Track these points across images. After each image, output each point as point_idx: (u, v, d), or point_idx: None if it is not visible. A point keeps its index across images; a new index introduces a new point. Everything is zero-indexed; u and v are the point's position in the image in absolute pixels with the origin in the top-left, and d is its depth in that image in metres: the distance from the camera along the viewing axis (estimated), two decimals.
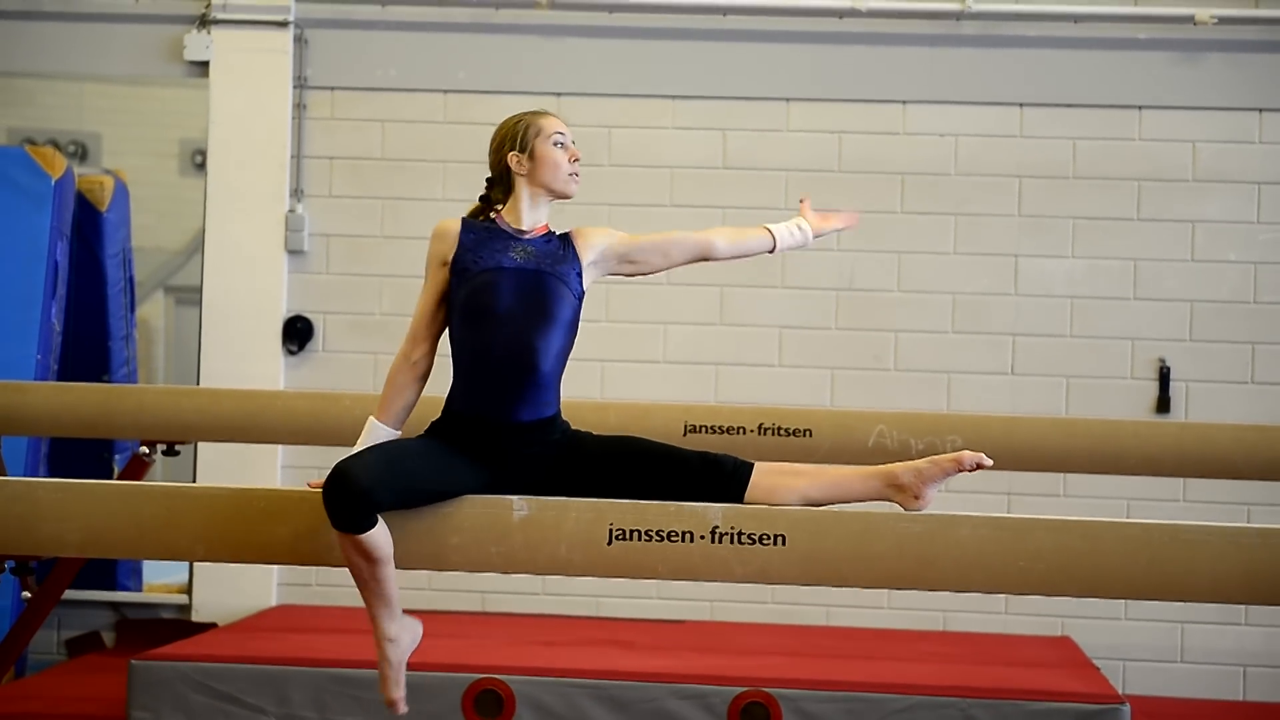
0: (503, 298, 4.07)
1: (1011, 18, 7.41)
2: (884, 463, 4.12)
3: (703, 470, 4.06)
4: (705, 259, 4.27)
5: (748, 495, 4.02)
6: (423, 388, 4.22)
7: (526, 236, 4.15)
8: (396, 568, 4.04)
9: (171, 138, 8.47)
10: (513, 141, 4.18)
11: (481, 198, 4.23)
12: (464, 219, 4.20)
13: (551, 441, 4.08)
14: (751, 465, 4.05)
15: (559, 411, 4.12)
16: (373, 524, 3.85)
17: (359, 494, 3.81)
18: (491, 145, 4.23)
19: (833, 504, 4.00)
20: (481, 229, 4.17)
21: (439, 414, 4.14)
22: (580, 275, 4.14)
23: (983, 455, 3.94)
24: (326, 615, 7.13)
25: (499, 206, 4.19)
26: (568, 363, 4.11)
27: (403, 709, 4.13)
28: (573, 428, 4.12)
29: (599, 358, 7.42)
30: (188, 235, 8.17)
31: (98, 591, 7.58)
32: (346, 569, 3.97)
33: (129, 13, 7.66)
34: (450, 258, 4.14)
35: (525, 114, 4.23)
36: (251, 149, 7.61)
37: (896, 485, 4.01)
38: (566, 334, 4.10)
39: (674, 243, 4.23)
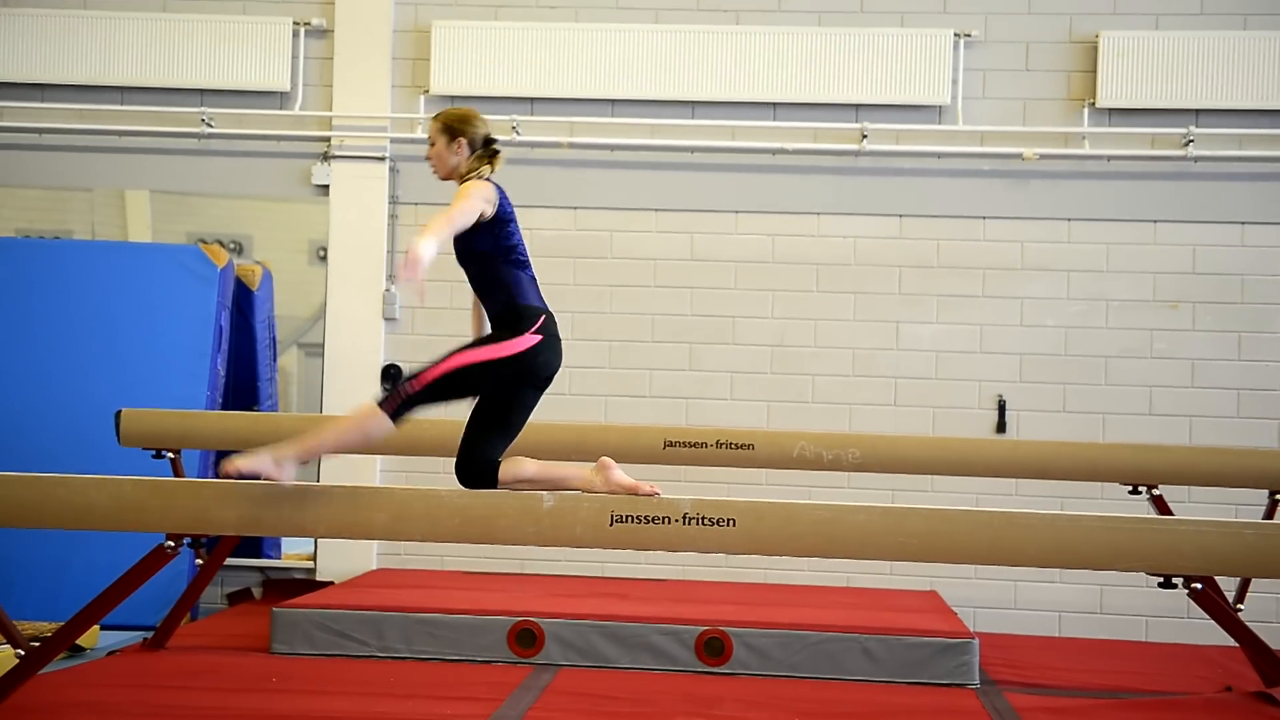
0: None
1: (894, 154, 7.43)
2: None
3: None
4: None
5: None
6: None
7: None
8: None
9: (303, 238, 8.44)
10: None
11: None
12: None
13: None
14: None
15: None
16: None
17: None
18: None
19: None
20: None
21: None
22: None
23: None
24: (413, 576, 7.09)
25: None
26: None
27: (647, 489, 3.99)
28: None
29: (602, 394, 7.42)
30: (314, 307, 8.15)
31: (250, 559, 7.55)
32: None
33: (273, 150, 7.69)
34: None
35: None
36: (359, 247, 7.62)
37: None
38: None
39: None
